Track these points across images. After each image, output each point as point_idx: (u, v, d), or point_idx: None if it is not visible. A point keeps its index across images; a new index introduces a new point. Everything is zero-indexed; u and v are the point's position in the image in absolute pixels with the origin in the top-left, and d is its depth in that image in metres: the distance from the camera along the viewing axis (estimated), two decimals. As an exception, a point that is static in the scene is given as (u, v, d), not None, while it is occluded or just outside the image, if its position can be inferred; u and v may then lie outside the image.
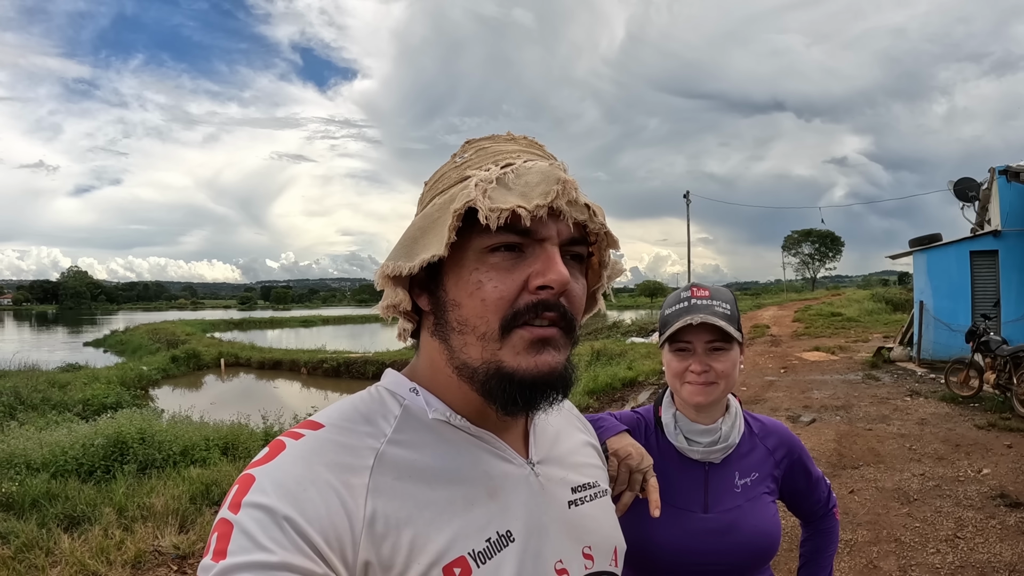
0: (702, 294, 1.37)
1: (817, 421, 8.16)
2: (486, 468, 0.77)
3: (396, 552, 0.65)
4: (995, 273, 11.82)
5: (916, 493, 5.40)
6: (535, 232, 0.71)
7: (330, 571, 0.61)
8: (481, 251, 0.72)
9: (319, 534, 0.61)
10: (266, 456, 0.68)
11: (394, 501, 0.68)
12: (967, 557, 4.18)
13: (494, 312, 0.71)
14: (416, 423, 0.76)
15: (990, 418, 7.80)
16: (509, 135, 0.84)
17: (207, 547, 0.61)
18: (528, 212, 0.68)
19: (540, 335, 0.72)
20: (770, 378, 11.90)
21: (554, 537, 0.80)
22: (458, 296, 0.73)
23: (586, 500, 0.89)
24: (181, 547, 4.57)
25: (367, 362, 21.21)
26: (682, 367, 1.35)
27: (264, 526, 0.60)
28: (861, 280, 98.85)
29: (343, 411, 0.75)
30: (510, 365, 0.71)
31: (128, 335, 37.23)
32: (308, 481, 0.64)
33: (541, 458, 0.85)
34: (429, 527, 0.68)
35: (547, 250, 0.71)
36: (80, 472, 6.24)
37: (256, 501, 0.62)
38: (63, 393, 13.79)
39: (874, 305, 30.19)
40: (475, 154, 0.79)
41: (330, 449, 0.68)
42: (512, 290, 0.71)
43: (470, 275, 0.72)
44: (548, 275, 0.70)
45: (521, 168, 0.73)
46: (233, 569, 0.58)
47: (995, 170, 11.48)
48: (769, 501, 1.41)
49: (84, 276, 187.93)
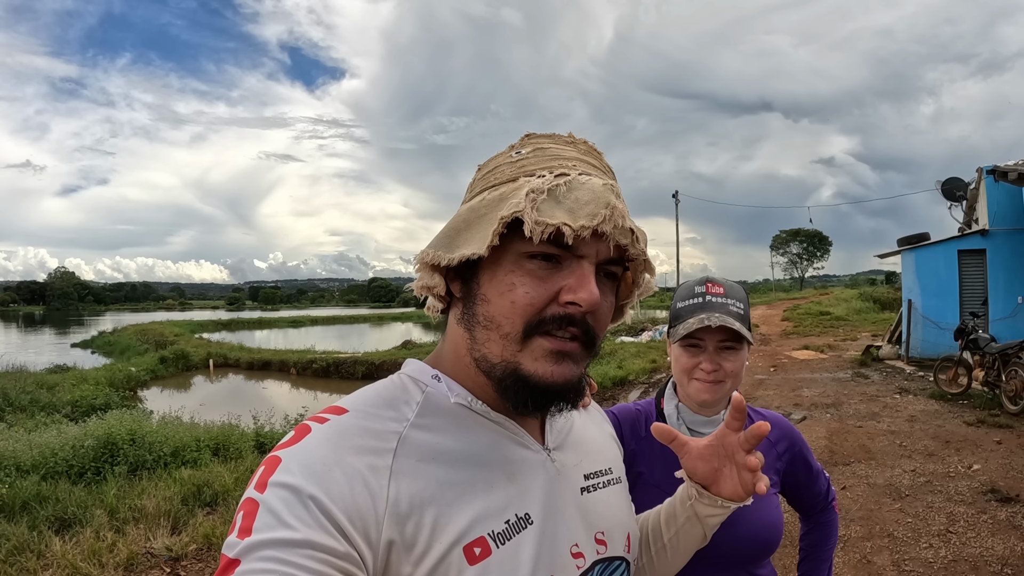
0: (717, 291, 1.35)
1: (808, 419, 8.21)
2: (505, 452, 0.78)
3: (419, 531, 0.67)
4: (983, 272, 11.95)
5: (908, 489, 5.45)
6: (575, 248, 0.71)
7: (352, 549, 0.62)
8: (519, 255, 0.72)
9: (343, 513, 0.62)
10: (292, 439, 0.69)
11: (417, 482, 0.69)
12: (959, 551, 4.22)
13: (520, 316, 0.72)
14: (437, 409, 0.77)
15: (979, 415, 7.89)
16: (571, 136, 0.84)
17: (232, 525, 0.62)
18: (572, 231, 0.69)
19: (560, 348, 0.73)
20: (760, 377, 11.97)
21: (569, 521, 0.81)
22: (489, 292, 0.74)
23: (599, 487, 0.91)
24: (174, 549, 4.53)
25: (356, 362, 21.12)
26: (692, 364, 1.35)
27: (289, 504, 0.61)
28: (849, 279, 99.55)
29: (367, 397, 0.77)
30: (527, 369, 0.73)
31: (116, 336, 36.90)
32: (333, 462, 0.66)
33: (557, 444, 0.87)
34: (451, 507, 0.70)
35: (583, 267, 0.72)
36: (70, 474, 6.16)
37: (282, 481, 0.63)
38: (51, 394, 13.65)
39: (862, 304, 30.45)
40: (533, 153, 0.79)
41: (355, 433, 0.70)
42: (542, 299, 0.72)
43: (505, 275, 0.73)
44: (579, 292, 0.71)
45: (575, 182, 0.73)
46: (258, 546, 0.59)
47: (983, 170, 11.59)
48: (771, 494, 1.41)
49: (71, 277, 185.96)
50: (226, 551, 0.60)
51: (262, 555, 0.58)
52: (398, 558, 0.65)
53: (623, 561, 0.90)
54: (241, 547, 0.59)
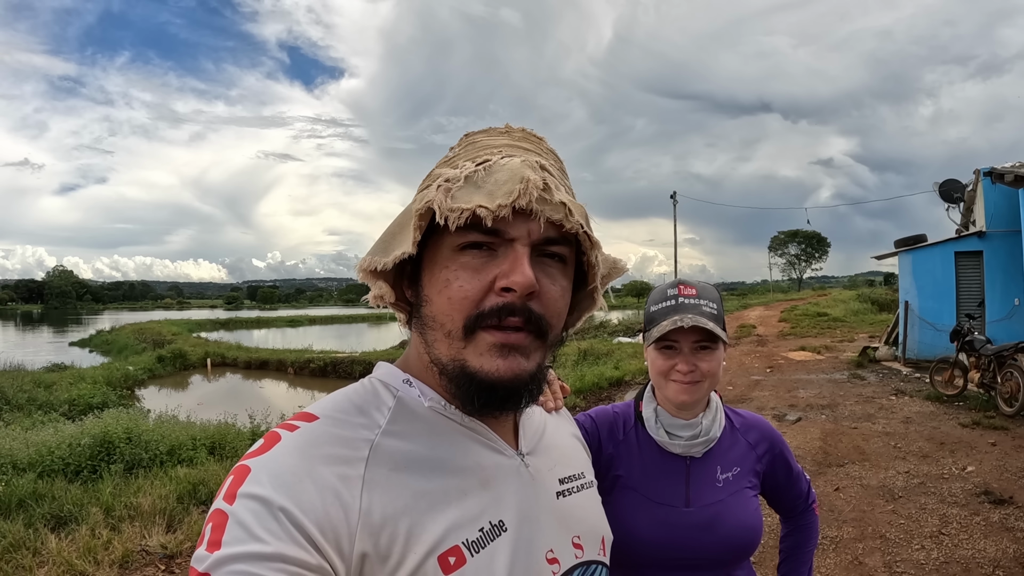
0: (689, 292, 1.35)
1: (803, 420, 8.23)
2: (478, 459, 0.77)
3: (393, 542, 0.65)
4: (980, 273, 11.96)
5: (901, 490, 5.47)
6: (504, 232, 0.69)
7: (324, 562, 0.60)
8: (453, 249, 0.71)
9: (315, 525, 0.61)
10: (261, 448, 0.67)
11: (390, 492, 0.68)
12: (952, 553, 4.24)
13: (459, 311, 0.71)
14: (410, 414, 0.75)
15: (974, 416, 7.91)
16: (506, 127, 0.82)
17: (201, 537, 0.61)
18: (490, 212, 0.66)
19: (504, 340, 0.71)
20: (756, 377, 11.97)
21: (545, 527, 0.80)
22: (430, 292, 0.73)
23: (573, 491, 0.90)
24: (169, 547, 4.55)
25: (354, 362, 21.13)
26: (668, 366, 1.35)
27: (259, 517, 0.60)
28: (847, 281, 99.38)
29: (337, 403, 0.75)
30: (473, 366, 0.71)
31: (114, 335, 36.91)
32: (304, 472, 0.64)
33: (530, 449, 0.86)
34: (424, 517, 0.68)
35: (515, 250, 0.70)
36: (67, 472, 6.17)
37: (252, 492, 0.62)
38: (49, 393, 13.67)
39: (860, 305, 30.41)
40: (464, 148, 0.78)
41: (325, 440, 0.68)
42: (477, 290, 0.70)
43: (440, 272, 0.72)
44: (512, 276, 0.69)
45: (496, 165, 0.71)
46: (227, 560, 0.57)
47: (980, 172, 11.62)
48: (751, 495, 1.41)
49: (69, 275, 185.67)
50: (195, 565, 0.59)
51: (232, 569, 0.57)
52: (371, 570, 0.64)
53: (600, 565, 0.89)
54: (211, 561, 0.58)
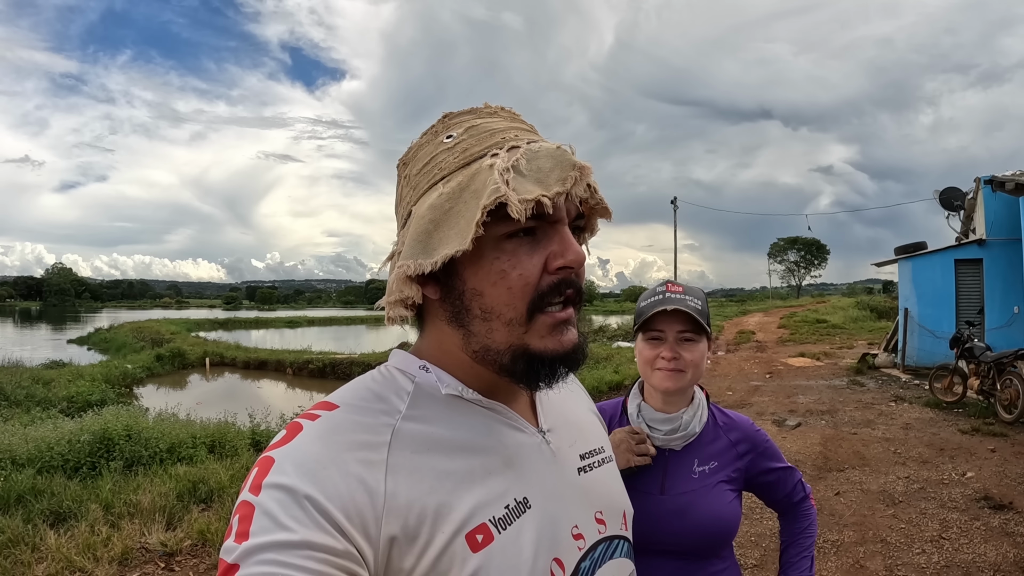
0: (676, 289, 1.45)
1: (803, 425, 8.23)
2: (500, 438, 0.78)
3: (421, 523, 0.66)
4: (979, 281, 11.98)
5: (901, 495, 5.47)
6: (548, 215, 0.71)
7: (352, 547, 0.62)
8: (497, 239, 0.71)
9: (340, 511, 0.62)
10: (284, 438, 0.68)
11: (414, 475, 0.69)
12: (952, 557, 4.24)
13: (521, 298, 0.72)
14: (428, 398, 0.76)
15: (974, 423, 7.91)
16: (487, 107, 0.82)
17: (229, 529, 0.62)
18: (550, 200, 0.69)
19: (560, 318, 0.74)
20: (756, 383, 11.98)
21: (568, 503, 0.81)
22: (479, 285, 0.73)
23: (594, 466, 0.91)
24: (168, 544, 4.53)
25: (353, 363, 21.08)
26: (653, 354, 1.44)
27: (285, 506, 0.61)
28: (846, 288, 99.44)
29: (356, 391, 0.76)
30: (536, 348, 0.74)
31: (112, 333, 36.79)
32: (328, 460, 0.65)
33: (550, 426, 0.87)
34: (451, 496, 0.69)
35: (560, 231, 0.73)
36: (66, 468, 6.15)
37: (277, 482, 0.63)
38: (47, 390, 13.60)
39: (859, 312, 30.49)
40: (466, 133, 0.77)
41: (347, 428, 0.69)
42: (535, 274, 0.72)
43: (491, 264, 0.72)
44: (568, 255, 0.72)
45: (530, 151, 0.72)
46: (255, 550, 0.58)
47: (980, 180, 11.65)
48: (726, 489, 1.46)
49: (68, 273, 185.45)
50: (224, 556, 0.60)
51: (261, 558, 0.58)
52: (400, 552, 0.65)
53: (623, 540, 0.90)
54: (239, 551, 0.59)
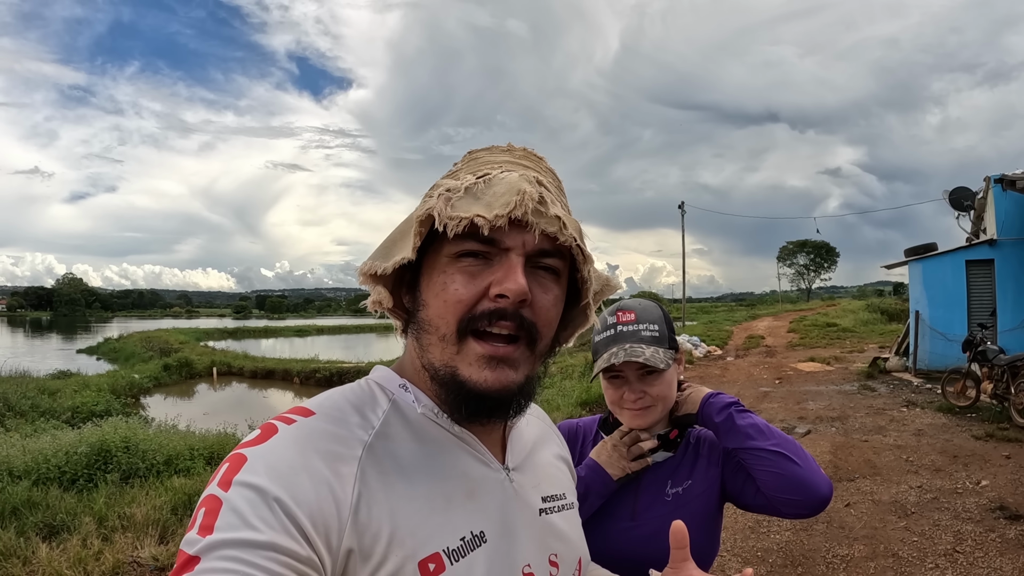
0: (627, 318, 1.39)
1: (812, 432, 8.09)
2: (465, 468, 0.79)
3: (376, 542, 0.66)
4: (991, 282, 11.83)
5: (914, 506, 5.32)
6: (500, 241, 0.72)
7: (314, 554, 0.62)
8: (451, 256, 0.73)
9: (307, 518, 0.62)
10: (258, 438, 0.69)
11: (379, 493, 0.69)
12: (967, 572, 4.10)
13: (452, 313, 0.73)
14: (402, 419, 0.77)
15: (988, 428, 7.75)
16: (509, 146, 0.85)
17: (192, 521, 0.62)
18: (487, 222, 0.69)
19: (494, 352, 0.73)
20: (765, 389, 11.85)
21: (524, 541, 0.81)
22: (427, 296, 0.76)
23: (555, 510, 0.91)
24: (160, 559, 4.46)
25: (360, 372, 20.91)
26: (617, 396, 1.40)
27: (254, 505, 0.61)
28: (856, 291, 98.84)
29: (334, 401, 0.77)
30: (463, 374, 0.74)
31: (121, 343, 37.01)
32: (300, 466, 0.65)
33: (516, 464, 0.87)
34: (409, 521, 0.70)
35: (510, 259, 0.73)
36: (62, 480, 6.13)
37: (248, 481, 0.63)
38: (52, 400, 13.70)
39: (869, 315, 30.23)
40: (465, 164, 0.82)
41: (321, 437, 0.70)
42: (472, 295, 0.73)
43: (438, 277, 0.74)
44: (505, 283, 0.71)
45: (495, 178, 0.74)
46: (219, 545, 0.58)
47: (990, 179, 11.49)
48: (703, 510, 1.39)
49: (79, 283, 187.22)
50: (185, 547, 0.59)
51: (223, 554, 0.58)
52: (354, 567, 0.65)
53: None
54: (202, 544, 0.58)
